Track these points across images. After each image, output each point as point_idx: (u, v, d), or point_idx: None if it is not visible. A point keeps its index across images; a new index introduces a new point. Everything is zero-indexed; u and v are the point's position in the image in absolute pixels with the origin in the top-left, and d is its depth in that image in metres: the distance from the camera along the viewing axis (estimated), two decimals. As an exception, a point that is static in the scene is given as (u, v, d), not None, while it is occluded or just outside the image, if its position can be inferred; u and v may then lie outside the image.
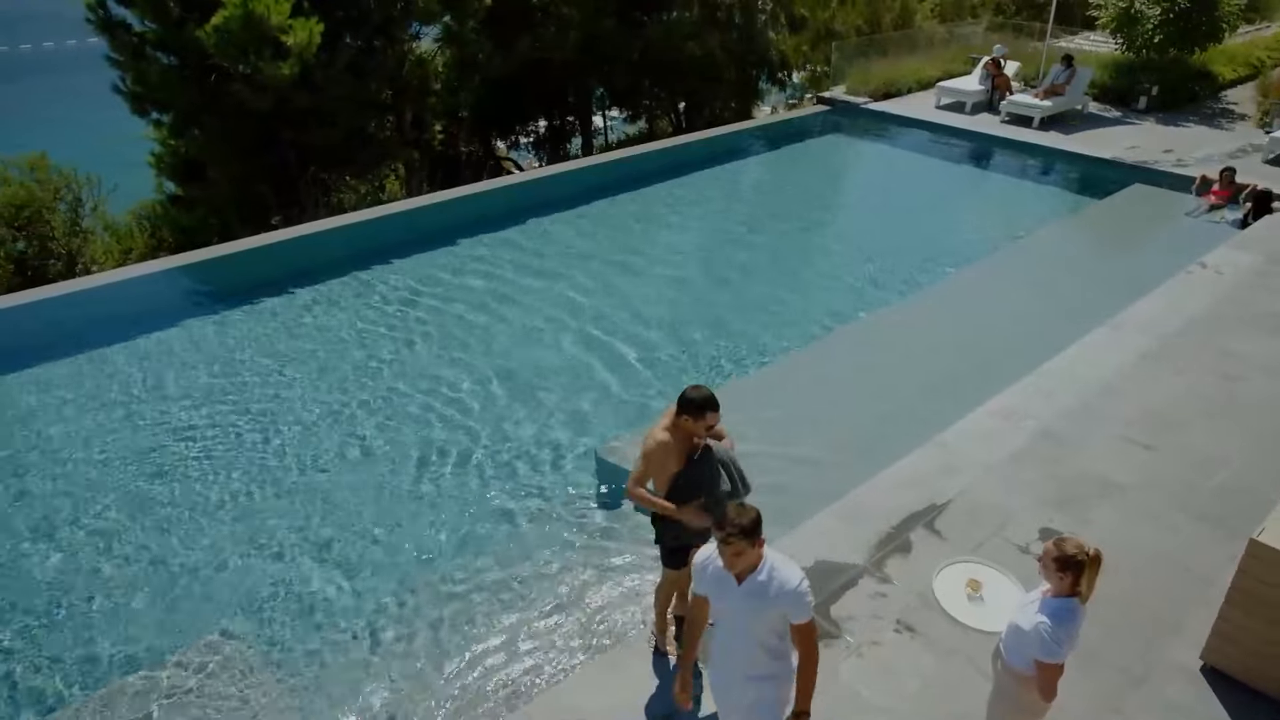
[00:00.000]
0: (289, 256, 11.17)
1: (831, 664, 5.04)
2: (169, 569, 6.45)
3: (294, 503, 7.15)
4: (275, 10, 11.69)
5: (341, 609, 6.10)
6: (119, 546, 6.66)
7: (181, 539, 6.74)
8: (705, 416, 4.44)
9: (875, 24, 21.83)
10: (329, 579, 6.36)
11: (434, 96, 15.33)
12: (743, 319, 10.12)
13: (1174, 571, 5.73)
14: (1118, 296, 9.59)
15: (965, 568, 5.70)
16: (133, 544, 6.69)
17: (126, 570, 6.45)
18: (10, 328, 9.40)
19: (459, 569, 6.39)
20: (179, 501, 7.15)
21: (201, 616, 6.02)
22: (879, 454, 7.03)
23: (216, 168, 13.63)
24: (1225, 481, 6.61)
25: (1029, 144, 15.69)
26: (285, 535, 6.78)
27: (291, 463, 7.65)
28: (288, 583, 6.33)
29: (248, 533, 6.80)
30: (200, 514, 7.01)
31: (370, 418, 8.24)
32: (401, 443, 7.88)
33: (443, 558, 6.54)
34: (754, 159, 16.38)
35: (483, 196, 13.11)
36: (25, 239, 13.06)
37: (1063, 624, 3.63)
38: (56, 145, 14.54)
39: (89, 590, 6.27)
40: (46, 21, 41.95)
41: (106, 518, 6.96)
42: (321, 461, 7.66)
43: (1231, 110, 17.58)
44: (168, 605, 6.14)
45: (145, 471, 7.51)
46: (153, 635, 5.87)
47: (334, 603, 6.16)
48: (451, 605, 6.06)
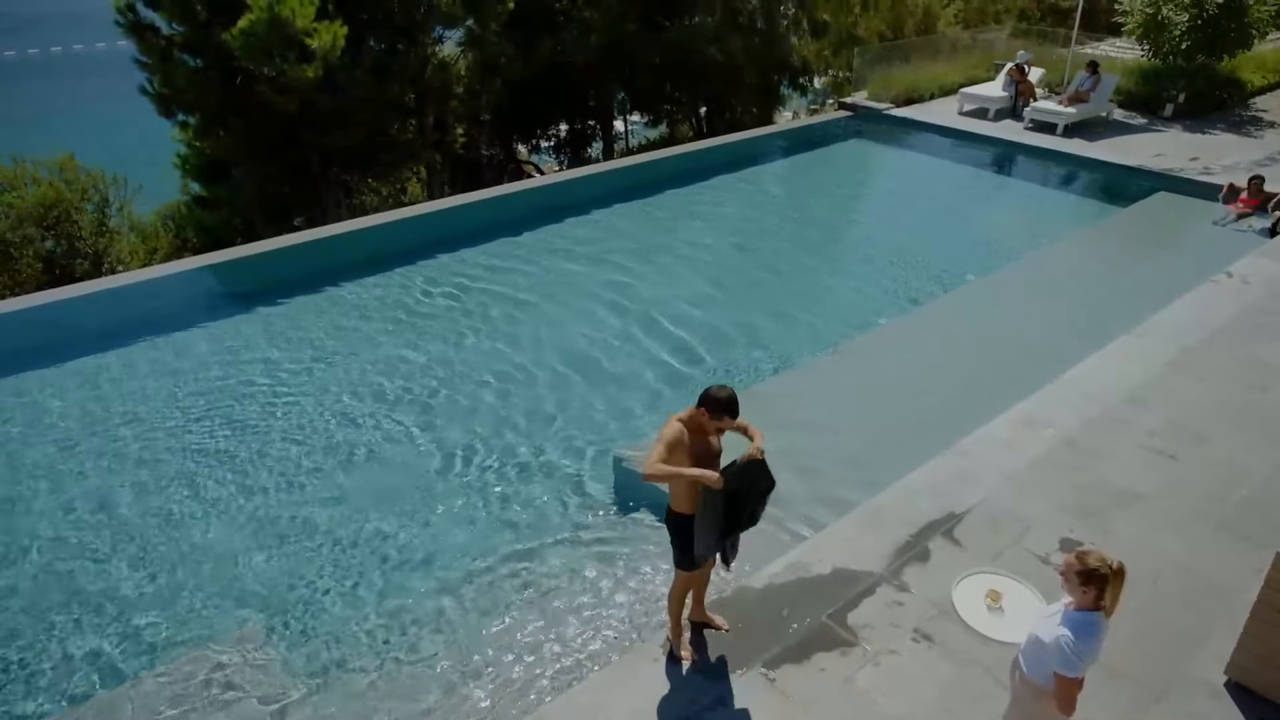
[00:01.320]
0: (310, 256, 11.28)
1: (848, 672, 5.01)
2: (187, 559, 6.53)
3: (305, 503, 7.21)
4: (300, 14, 11.81)
5: (356, 607, 6.14)
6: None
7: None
8: (721, 418, 4.48)
9: (898, 29, 21.76)
10: (339, 578, 6.40)
11: (456, 99, 15.42)
12: (766, 324, 10.08)
13: (1197, 584, 5.65)
14: (1142, 305, 9.48)
15: (985, 578, 5.65)
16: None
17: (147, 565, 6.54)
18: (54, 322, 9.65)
19: (473, 570, 6.40)
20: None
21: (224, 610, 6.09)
22: (898, 461, 6.98)
23: (241, 169, 13.77)
24: (1251, 493, 6.51)
25: (1053, 151, 15.54)
26: (301, 531, 6.84)
27: (305, 462, 7.71)
28: (299, 581, 6.38)
29: (253, 536, 6.87)
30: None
31: (396, 415, 8.30)
32: (417, 444, 7.92)
33: (457, 559, 6.56)
34: (776, 164, 16.34)
35: (504, 199, 13.18)
36: (54, 238, 13.27)
37: (1084, 638, 3.59)
38: (86, 146, 14.75)
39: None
40: (74, 23, 42.62)
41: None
42: (338, 460, 7.72)
43: (1260, 118, 17.36)
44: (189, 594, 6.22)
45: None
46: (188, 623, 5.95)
47: (348, 602, 6.19)
48: (465, 606, 6.07)
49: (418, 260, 11.45)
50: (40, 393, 8.69)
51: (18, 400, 8.59)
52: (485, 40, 15.40)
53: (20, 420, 8.29)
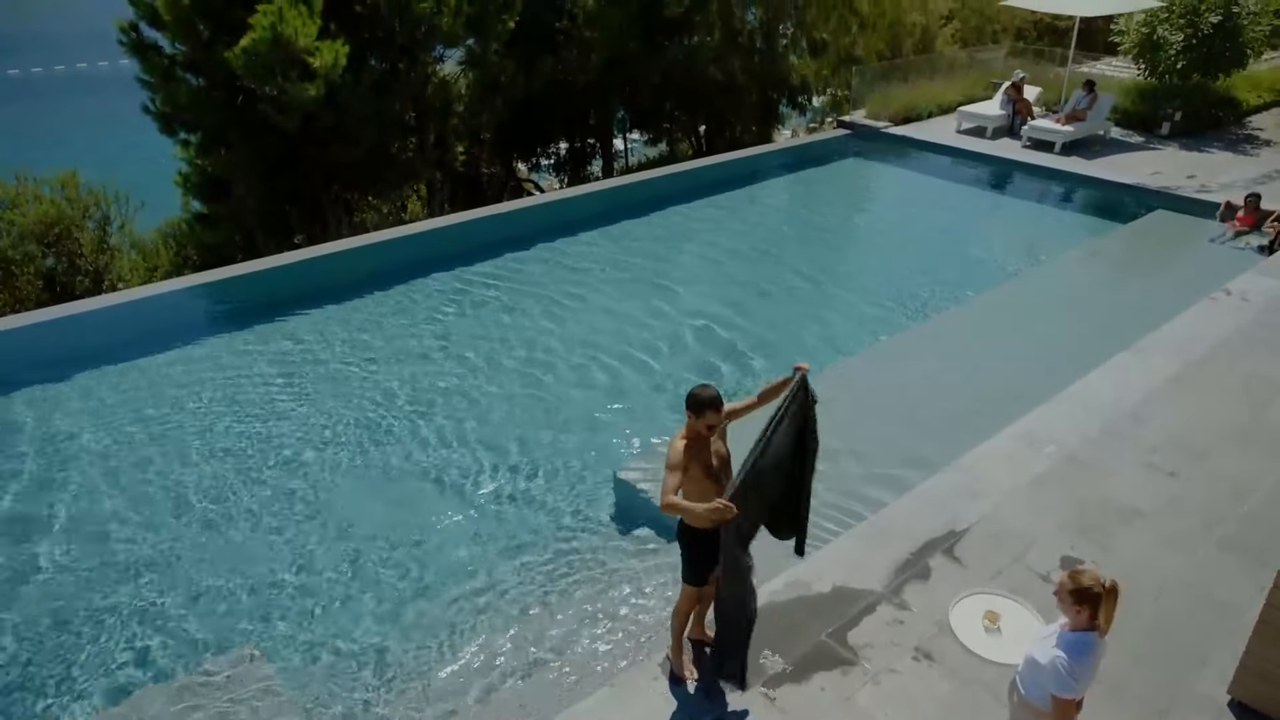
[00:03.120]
0: (310, 274, 11.30)
1: (849, 691, 4.98)
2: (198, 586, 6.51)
3: (302, 518, 7.18)
4: (303, 33, 11.88)
5: (357, 621, 6.11)
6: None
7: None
8: (705, 415, 4.49)
9: (896, 49, 21.89)
10: (341, 591, 6.37)
11: (456, 118, 15.46)
12: (764, 345, 10.07)
13: (1200, 602, 5.62)
14: (1141, 322, 9.49)
15: (983, 599, 5.62)
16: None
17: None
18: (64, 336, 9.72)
19: (471, 589, 6.38)
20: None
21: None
22: (898, 478, 6.97)
23: (242, 186, 13.82)
24: (1252, 509, 6.49)
25: (1051, 169, 15.62)
26: (296, 552, 6.81)
27: (304, 480, 7.69)
28: (299, 592, 6.35)
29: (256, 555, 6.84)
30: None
31: (395, 434, 8.29)
32: (414, 460, 7.91)
33: (454, 578, 6.53)
34: (775, 181, 16.40)
35: (507, 216, 13.26)
36: (55, 255, 13.27)
37: (1079, 658, 3.57)
38: (88, 163, 14.79)
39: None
40: (78, 42, 42.92)
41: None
42: (333, 476, 7.70)
43: (1256, 136, 17.45)
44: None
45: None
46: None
47: (348, 614, 6.16)
48: (461, 625, 6.04)
49: (413, 278, 11.47)
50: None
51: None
52: (486, 59, 15.49)
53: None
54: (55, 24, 52.39)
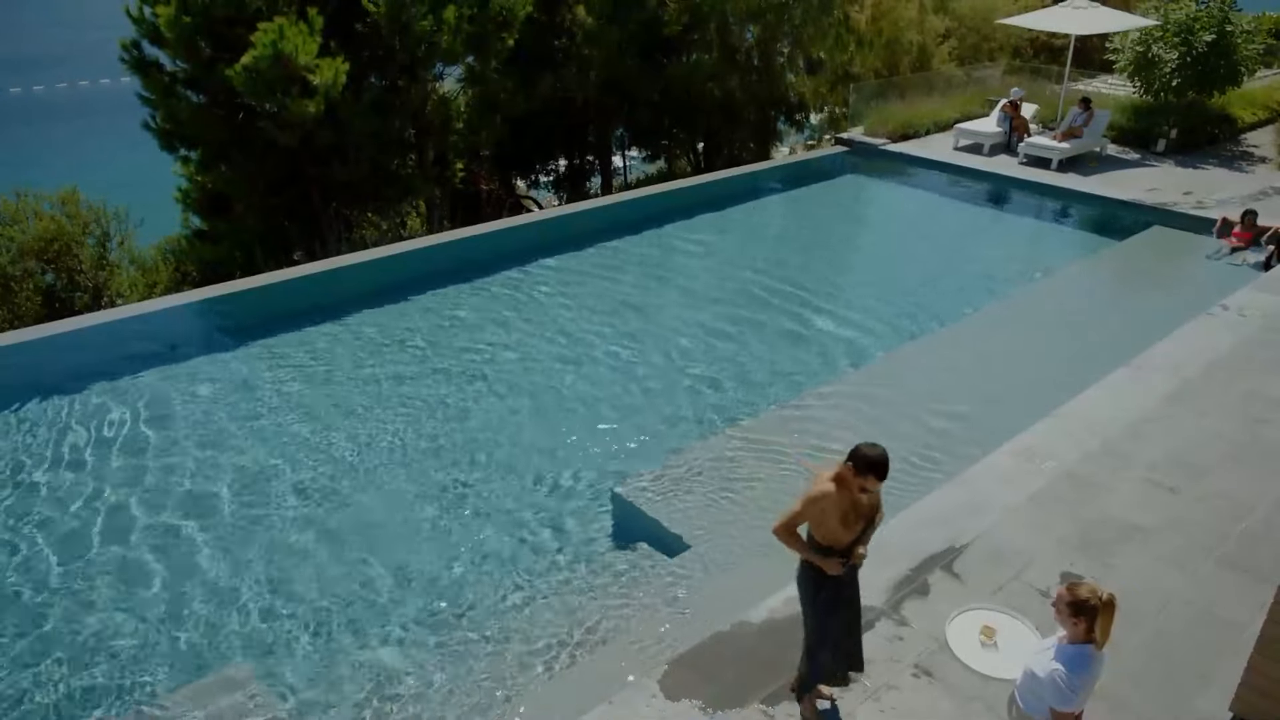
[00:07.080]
0: (309, 290, 11.32)
1: (849, 708, 4.95)
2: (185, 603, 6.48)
3: (309, 535, 7.16)
4: (303, 50, 11.96)
5: (351, 639, 6.07)
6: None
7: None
8: (866, 478, 4.25)
9: (893, 66, 22.03)
10: (342, 610, 6.34)
11: (456, 135, 15.55)
12: (758, 364, 10.07)
13: (1201, 618, 5.60)
14: (1139, 338, 9.49)
15: (978, 615, 5.59)
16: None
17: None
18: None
19: (467, 606, 6.35)
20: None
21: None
22: (896, 495, 6.94)
23: (242, 202, 13.86)
24: (1252, 526, 6.48)
25: (1048, 186, 15.67)
26: (284, 573, 6.79)
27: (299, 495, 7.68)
28: (295, 615, 6.32)
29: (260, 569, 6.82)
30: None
31: (385, 452, 8.28)
32: (411, 480, 7.89)
33: (449, 596, 6.50)
34: (773, 199, 16.46)
35: (504, 233, 13.28)
36: (54, 271, 13.30)
37: (1077, 671, 3.56)
38: (88, 180, 14.85)
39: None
40: (80, 60, 43.16)
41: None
42: (328, 496, 7.69)
43: (1252, 153, 17.54)
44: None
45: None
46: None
47: (345, 636, 6.13)
48: (458, 642, 6.01)
49: (410, 295, 11.50)
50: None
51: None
52: (485, 77, 15.58)
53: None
54: (56, 43, 52.72)
